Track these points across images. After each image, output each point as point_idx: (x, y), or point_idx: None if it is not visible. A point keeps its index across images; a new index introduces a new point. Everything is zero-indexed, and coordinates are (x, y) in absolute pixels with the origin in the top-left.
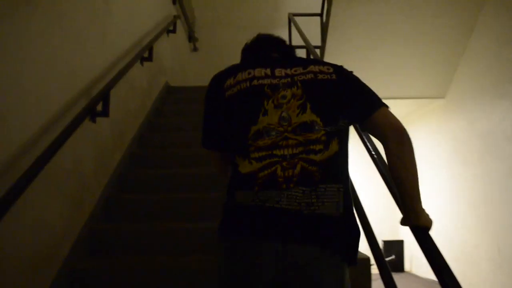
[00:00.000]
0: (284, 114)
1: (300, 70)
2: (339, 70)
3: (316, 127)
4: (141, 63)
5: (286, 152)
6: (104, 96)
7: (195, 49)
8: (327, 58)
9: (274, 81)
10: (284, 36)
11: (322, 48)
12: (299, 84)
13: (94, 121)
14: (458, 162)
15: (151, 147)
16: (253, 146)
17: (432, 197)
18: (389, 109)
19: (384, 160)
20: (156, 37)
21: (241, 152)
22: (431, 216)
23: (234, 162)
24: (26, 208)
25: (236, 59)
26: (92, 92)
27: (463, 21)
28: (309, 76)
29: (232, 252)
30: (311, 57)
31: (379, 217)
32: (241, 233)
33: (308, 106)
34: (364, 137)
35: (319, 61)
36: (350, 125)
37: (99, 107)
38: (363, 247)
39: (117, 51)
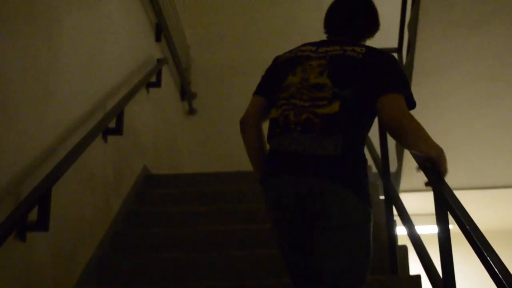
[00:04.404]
0: (306, 76)
1: (337, 48)
2: (369, 53)
3: (325, 88)
4: (104, 138)
5: (298, 103)
6: (40, 199)
7: (191, 111)
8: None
9: (312, 54)
10: None
11: None
12: (327, 57)
13: (23, 240)
14: None
15: (117, 281)
16: (279, 97)
17: None
18: (398, 97)
19: None
20: (129, 96)
21: (273, 102)
22: None
23: (270, 111)
24: None
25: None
26: (22, 193)
27: None
28: (339, 52)
29: (266, 187)
30: None
31: None
32: (269, 172)
33: (326, 72)
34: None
35: (360, 45)
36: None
37: (33, 216)
38: None
39: (66, 121)
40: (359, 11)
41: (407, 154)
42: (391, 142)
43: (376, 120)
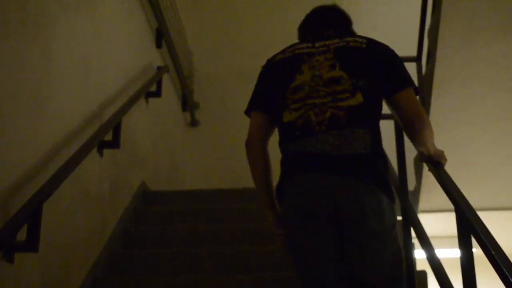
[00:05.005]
0: (316, 72)
1: (336, 41)
2: (372, 43)
3: (343, 81)
4: (100, 152)
5: (317, 101)
6: (30, 217)
7: (194, 122)
8: (435, 131)
9: (312, 50)
10: None
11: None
12: (331, 50)
13: (11, 261)
14: None
15: None
16: (290, 99)
17: None
18: (412, 91)
19: None
20: (127, 107)
21: (283, 106)
22: None
23: (278, 115)
24: None
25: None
26: (10, 210)
27: None
28: (342, 44)
29: (289, 185)
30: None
31: None
32: (294, 171)
33: (337, 65)
34: None
35: (359, 35)
36: (376, 91)
37: (22, 236)
38: None
39: (59, 132)
40: (338, 17)
41: (427, 171)
42: (409, 159)
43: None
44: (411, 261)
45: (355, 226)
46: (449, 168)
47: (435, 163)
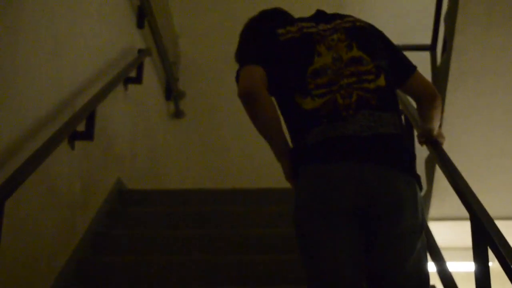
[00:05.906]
0: (335, 55)
1: (339, 21)
2: (369, 24)
3: (364, 61)
4: (71, 144)
5: (342, 82)
6: None
7: (178, 113)
8: (449, 130)
9: (320, 31)
10: None
11: None
12: (342, 30)
13: None
14: None
15: None
16: (312, 84)
17: None
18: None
19: None
20: (102, 94)
21: (301, 91)
22: None
23: (294, 102)
24: None
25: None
26: None
27: None
28: (349, 24)
29: (310, 178)
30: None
31: None
32: (317, 160)
33: (354, 45)
34: None
35: (354, 17)
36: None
37: None
38: None
39: (24, 121)
40: None
41: (438, 174)
42: (420, 161)
43: None
44: None
45: (391, 222)
46: (464, 171)
47: (434, 141)
